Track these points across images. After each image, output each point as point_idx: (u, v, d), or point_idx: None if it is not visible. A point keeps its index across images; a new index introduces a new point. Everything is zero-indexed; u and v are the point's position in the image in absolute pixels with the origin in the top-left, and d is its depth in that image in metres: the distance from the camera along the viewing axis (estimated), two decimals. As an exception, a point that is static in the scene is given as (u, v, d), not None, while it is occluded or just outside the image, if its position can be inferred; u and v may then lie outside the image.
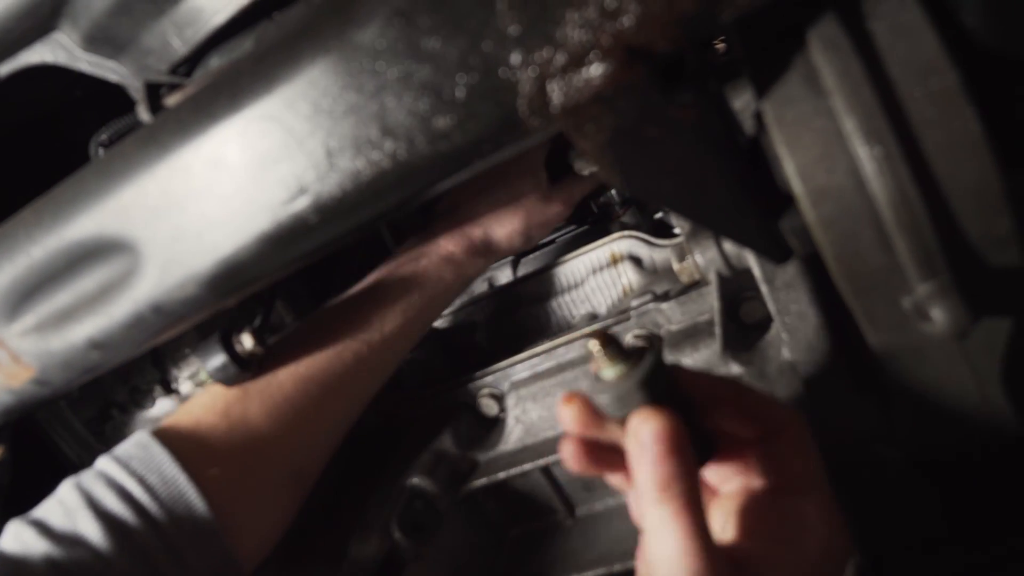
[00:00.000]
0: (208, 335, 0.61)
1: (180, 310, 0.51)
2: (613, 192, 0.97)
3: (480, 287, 1.00)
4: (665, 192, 0.43)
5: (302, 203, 0.44)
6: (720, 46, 0.68)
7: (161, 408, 0.83)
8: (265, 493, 0.60)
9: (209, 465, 0.56)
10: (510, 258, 1.02)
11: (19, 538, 0.51)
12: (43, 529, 0.51)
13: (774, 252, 0.48)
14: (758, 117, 0.43)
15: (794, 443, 0.42)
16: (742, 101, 0.56)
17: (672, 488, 0.38)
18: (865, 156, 0.37)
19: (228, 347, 0.58)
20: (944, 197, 0.38)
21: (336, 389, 0.64)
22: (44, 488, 0.59)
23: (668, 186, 0.42)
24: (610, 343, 0.40)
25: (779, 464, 0.42)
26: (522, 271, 1.01)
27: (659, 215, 0.95)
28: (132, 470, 0.54)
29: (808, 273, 0.58)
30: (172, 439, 0.57)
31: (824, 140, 0.38)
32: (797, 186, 0.40)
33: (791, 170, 0.39)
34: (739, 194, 0.43)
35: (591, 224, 1.03)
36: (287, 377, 0.62)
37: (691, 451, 0.39)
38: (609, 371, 0.40)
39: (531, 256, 1.04)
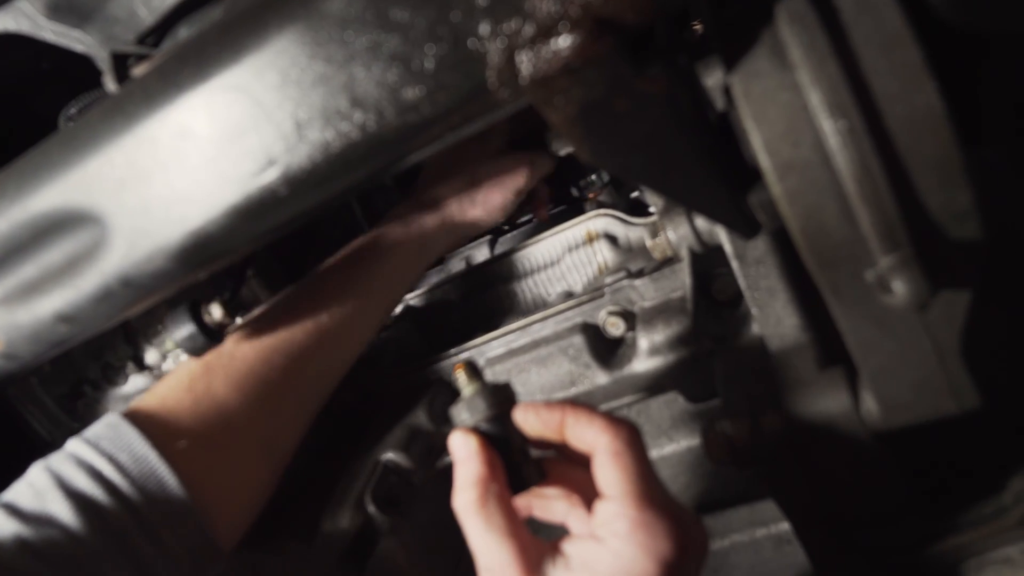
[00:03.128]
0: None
1: (149, 283, 0.50)
2: (594, 176, 0.98)
3: (457, 266, 1.00)
4: (635, 165, 0.43)
5: (271, 175, 0.44)
6: (697, 26, 0.68)
7: (134, 385, 0.82)
8: (236, 467, 0.60)
9: (176, 439, 0.56)
10: (487, 237, 1.02)
11: None
12: (12, 511, 0.51)
13: (743, 227, 0.48)
14: (727, 91, 0.43)
15: (605, 456, 0.46)
16: (714, 79, 0.56)
17: (472, 490, 0.46)
18: (830, 130, 0.38)
19: (197, 317, 0.57)
20: (906, 171, 0.38)
21: (302, 363, 0.64)
22: (16, 467, 0.58)
23: (638, 159, 0.43)
24: (468, 367, 0.51)
25: (598, 477, 0.47)
26: (499, 250, 1.01)
27: (635, 194, 0.96)
28: (102, 449, 0.54)
29: (778, 250, 0.59)
30: (140, 418, 0.57)
31: (790, 114, 0.39)
32: (763, 159, 0.40)
33: (758, 143, 0.40)
34: (708, 168, 0.44)
35: (568, 205, 1.04)
36: (251, 351, 0.62)
37: (494, 463, 0.48)
38: (467, 390, 0.51)
39: (508, 235, 1.04)
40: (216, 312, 0.59)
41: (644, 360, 0.69)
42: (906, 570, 0.55)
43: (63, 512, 0.50)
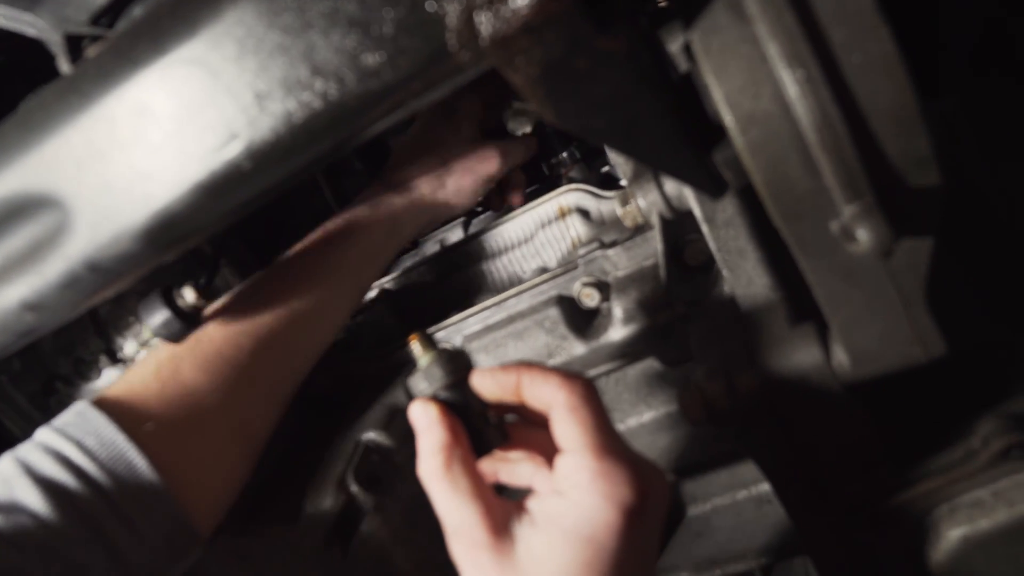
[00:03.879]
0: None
1: (116, 267, 0.50)
2: (564, 154, 0.98)
3: (431, 248, 1.00)
4: (599, 126, 0.43)
5: (234, 149, 0.44)
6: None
7: (108, 378, 0.81)
8: (209, 450, 0.60)
9: (144, 422, 0.55)
10: (461, 219, 1.02)
11: None
12: None
13: (710, 185, 0.49)
14: (687, 50, 0.43)
15: (561, 412, 0.47)
16: (677, 45, 0.57)
17: (436, 456, 0.47)
18: (788, 80, 0.38)
19: (170, 302, 0.57)
20: (865, 119, 0.39)
21: (273, 345, 0.64)
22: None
23: (601, 120, 0.43)
24: (423, 336, 0.51)
25: (555, 432, 0.47)
26: (473, 231, 1.01)
27: (606, 169, 0.96)
28: (69, 435, 0.53)
29: (746, 211, 0.59)
30: (108, 405, 0.57)
31: (749, 66, 0.39)
32: (725, 113, 0.41)
33: (719, 97, 0.40)
34: (672, 126, 0.44)
35: (540, 184, 1.04)
36: (219, 334, 0.62)
37: (455, 429, 0.48)
38: (423, 360, 0.51)
39: (482, 216, 1.04)
40: (189, 296, 0.58)
41: (620, 328, 0.70)
42: (881, 519, 0.56)
43: (32, 499, 0.50)
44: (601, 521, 0.44)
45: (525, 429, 0.52)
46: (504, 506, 0.48)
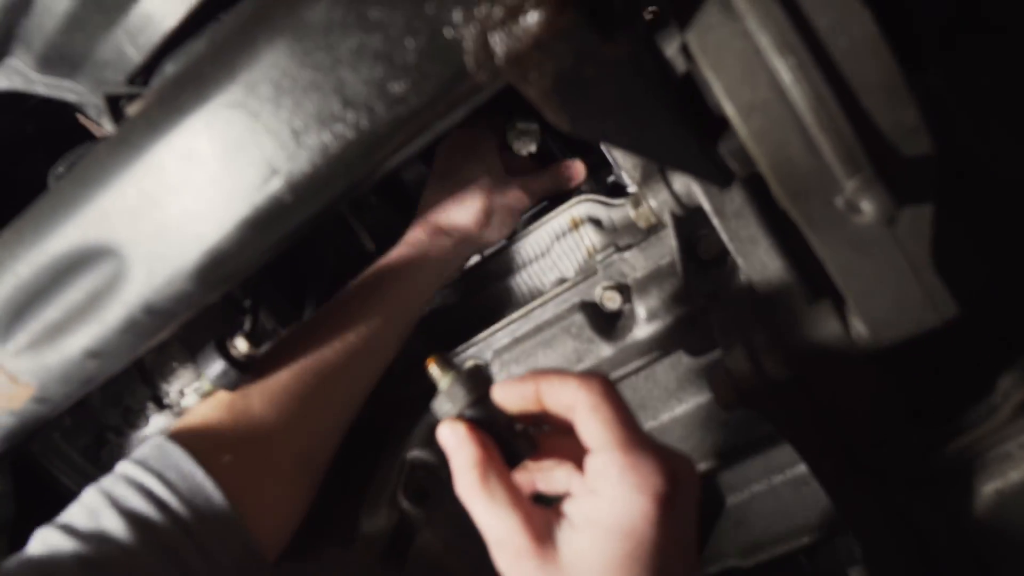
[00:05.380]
0: (199, 347, 0.64)
1: (171, 307, 0.53)
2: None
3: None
4: (609, 129, 0.47)
5: (276, 184, 0.47)
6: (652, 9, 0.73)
7: (156, 425, 0.84)
8: (277, 481, 0.63)
9: (221, 455, 0.58)
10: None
11: (46, 542, 0.53)
12: (69, 530, 0.53)
13: (717, 176, 0.52)
14: (685, 50, 0.47)
15: (584, 412, 0.48)
16: (672, 48, 0.60)
17: (471, 472, 0.48)
18: (782, 68, 0.41)
19: (225, 353, 0.60)
20: (857, 96, 0.42)
21: (333, 379, 0.67)
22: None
23: (612, 123, 0.46)
24: (440, 359, 0.52)
25: (580, 433, 0.48)
26: (489, 251, 1.04)
27: (612, 178, 0.99)
28: (150, 468, 0.56)
29: (752, 200, 0.62)
30: (184, 438, 0.59)
31: (744, 58, 0.42)
32: (727, 106, 0.44)
33: (719, 90, 0.43)
34: (678, 122, 0.47)
35: (550, 201, 1.07)
36: (284, 370, 0.65)
37: (486, 444, 0.49)
38: (443, 382, 0.51)
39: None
40: (242, 345, 0.62)
41: (644, 327, 0.72)
42: (914, 483, 0.58)
43: (117, 529, 0.52)
44: (637, 512, 0.45)
45: (554, 437, 0.52)
46: (543, 513, 0.49)
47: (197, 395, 0.63)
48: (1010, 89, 0.59)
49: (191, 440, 0.59)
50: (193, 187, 0.48)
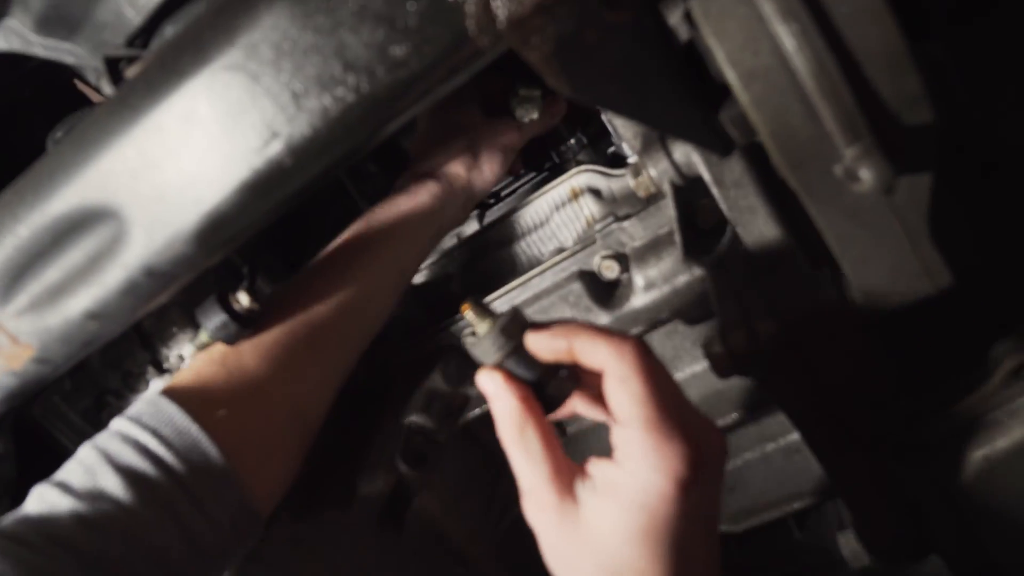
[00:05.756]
0: (199, 302, 0.64)
1: (171, 270, 0.53)
2: (572, 141, 1.01)
3: (450, 241, 1.03)
4: (610, 95, 0.47)
5: (276, 147, 0.47)
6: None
7: (155, 389, 0.85)
8: (271, 435, 0.64)
9: (215, 410, 0.59)
10: (475, 211, 1.05)
11: (43, 499, 0.53)
12: (66, 488, 0.53)
13: (717, 144, 0.52)
14: (688, 17, 0.47)
15: (612, 383, 0.47)
16: (676, 16, 0.60)
17: (508, 422, 0.49)
18: (784, 34, 0.41)
19: (226, 306, 0.60)
20: (858, 64, 0.42)
21: (325, 333, 0.67)
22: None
23: (613, 89, 0.46)
24: (476, 304, 0.51)
25: (608, 401, 0.48)
26: (488, 221, 1.04)
27: (612, 149, 0.99)
28: (145, 424, 0.57)
29: (752, 170, 0.62)
30: (178, 393, 0.60)
31: (747, 25, 0.42)
32: (729, 72, 0.44)
33: (721, 57, 0.43)
34: (679, 90, 0.47)
35: (549, 171, 1.07)
36: (276, 324, 0.65)
37: (523, 393, 0.49)
38: (481, 328, 0.51)
39: (495, 206, 1.08)
40: (244, 300, 0.62)
41: (642, 296, 0.73)
42: (903, 450, 0.59)
43: (114, 486, 0.53)
44: (655, 492, 0.46)
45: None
46: (572, 467, 0.50)
47: (195, 348, 0.63)
48: (1016, 63, 0.59)
49: (185, 396, 0.60)
50: (193, 150, 0.48)
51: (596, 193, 0.88)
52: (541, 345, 0.51)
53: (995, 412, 0.55)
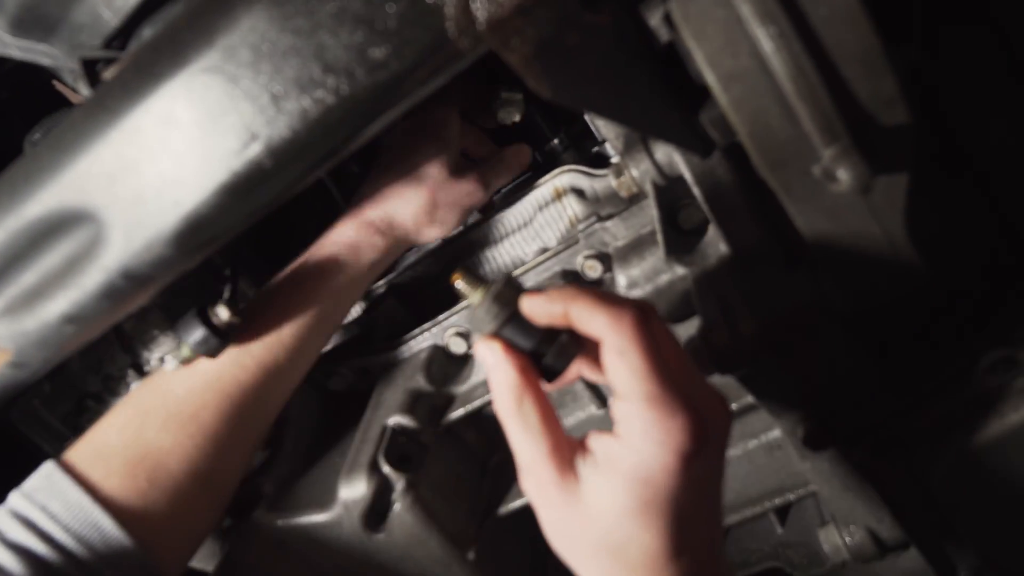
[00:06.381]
0: (181, 315, 0.63)
1: (150, 272, 0.53)
2: (556, 141, 1.01)
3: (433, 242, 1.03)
4: (591, 97, 0.47)
5: (255, 149, 0.47)
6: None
7: (51, 465, 0.84)
8: (176, 503, 0.62)
9: (112, 480, 0.59)
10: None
11: None
12: None
13: (698, 145, 0.52)
14: (667, 19, 0.47)
15: (611, 356, 0.46)
16: (656, 18, 0.60)
17: (505, 395, 0.48)
18: (763, 36, 0.41)
19: (206, 321, 0.60)
20: (836, 66, 0.42)
21: (239, 400, 0.65)
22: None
23: (593, 91, 0.46)
24: (467, 274, 0.50)
25: (607, 374, 0.46)
26: (471, 221, 1.04)
27: (596, 149, 0.99)
28: (35, 501, 0.57)
29: (733, 170, 0.63)
30: (75, 463, 0.60)
31: (726, 28, 0.42)
32: (708, 74, 0.44)
33: (701, 59, 0.44)
34: (660, 91, 0.47)
35: (533, 171, 1.07)
36: (183, 390, 0.63)
37: (522, 364, 0.48)
38: (475, 297, 0.50)
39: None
40: (223, 313, 0.62)
41: (625, 295, 0.73)
42: (882, 446, 0.60)
43: (9, 563, 0.54)
44: (657, 465, 0.44)
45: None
46: (571, 443, 0.48)
47: (177, 362, 0.62)
48: (998, 68, 0.60)
49: (83, 465, 0.60)
50: (171, 152, 0.48)
51: (579, 193, 0.88)
52: (537, 310, 0.49)
53: (974, 407, 0.56)
